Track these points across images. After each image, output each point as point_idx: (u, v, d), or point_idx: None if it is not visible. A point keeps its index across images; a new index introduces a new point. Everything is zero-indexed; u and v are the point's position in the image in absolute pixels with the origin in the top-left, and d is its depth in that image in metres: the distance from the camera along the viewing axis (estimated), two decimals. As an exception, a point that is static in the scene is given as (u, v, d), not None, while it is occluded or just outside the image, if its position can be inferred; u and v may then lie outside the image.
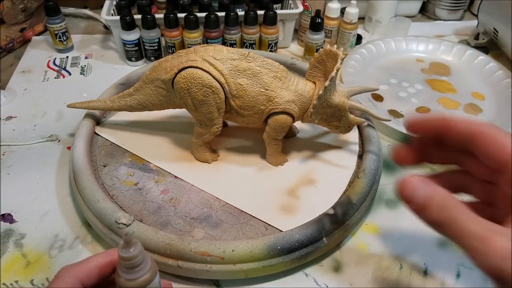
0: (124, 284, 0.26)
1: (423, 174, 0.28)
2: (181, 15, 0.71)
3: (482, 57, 0.76)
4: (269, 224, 0.46)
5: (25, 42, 0.82)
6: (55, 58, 0.77)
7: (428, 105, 0.68)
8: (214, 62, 0.46)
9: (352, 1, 0.74)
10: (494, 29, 0.79)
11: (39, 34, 0.84)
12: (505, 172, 0.25)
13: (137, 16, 0.71)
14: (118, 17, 0.70)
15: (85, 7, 0.92)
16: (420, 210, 0.27)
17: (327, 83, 0.46)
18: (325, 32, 0.76)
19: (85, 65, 0.76)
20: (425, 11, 0.98)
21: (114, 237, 0.43)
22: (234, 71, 0.46)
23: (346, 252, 0.46)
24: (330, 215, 0.44)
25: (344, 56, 0.73)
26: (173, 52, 0.74)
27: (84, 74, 0.74)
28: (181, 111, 0.54)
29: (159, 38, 0.73)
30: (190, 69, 0.46)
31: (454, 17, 0.96)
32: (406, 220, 0.49)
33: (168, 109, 0.53)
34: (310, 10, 0.78)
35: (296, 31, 0.84)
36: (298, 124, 0.58)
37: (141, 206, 0.48)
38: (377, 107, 0.66)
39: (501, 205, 0.27)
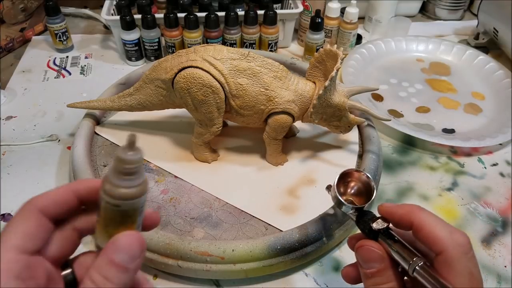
0: (117, 192, 0.23)
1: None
2: (181, 15, 0.71)
3: (482, 57, 0.76)
4: (269, 224, 0.46)
5: (25, 42, 0.82)
6: (55, 58, 0.77)
7: (428, 105, 0.68)
8: (214, 62, 0.46)
9: (352, 1, 0.74)
10: (494, 29, 0.79)
11: (39, 34, 0.84)
12: (439, 256, 0.28)
13: (137, 16, 0.71)
14: (118, 17, 0.70)
15: (85, 7, 0.92)
16: (365, 277, 0.30)
17: (327, 83, 0.46)
18: (325, 32, 0.76)
19: (85, 65, 0.76)
20: (425, 11, 0.98)
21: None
22: (234, 71, 0.46)
23: (346, 252, 0.46)
24: (330, 215, 0.44)
25: (344, 56, 0.73)
26: (173, 52, 0.74)
27: (84, 74, 0.73)
28: (181, 111, 0.54)
29: (159, 38, 0.73)
30: (190, 69, 0.46)
31: (454, 17, 0.96)
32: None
33: (168, 109, 0.53)
34: (310, 10, 0.78)
35: (296, 31, 0.84)
36: (298, 124, 0.58)
37: (141, 206, 0.47)
38: (377, 107, 0.66)
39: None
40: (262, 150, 0.54)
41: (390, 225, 0.31)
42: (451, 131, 0.63)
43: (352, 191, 0.36)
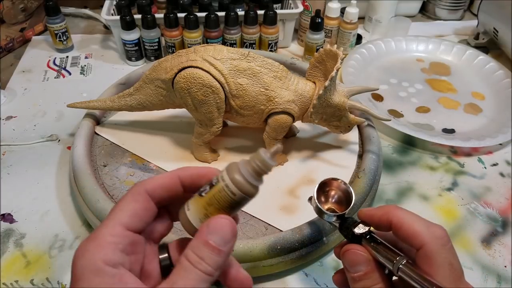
0: (244, 185, 0.25)
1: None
2: (181, 15, 0.71)
3: (482, 57, 0.76)
4: (269, 224, 0.46)
5: (25, 42, 0.82)
6: (55, 58, 0.77)
7: (428, 105, 0.68)
8: (214, 62, 0.46)
9: (352, 1, 0.74)
10: (494, 29, 0.79)
11: (39, 34, 0.84)
12: (419, 250, 0.29)
13: (137, 16, 0.71)
14: (118, 17, 0.70)
15: (85, 7, 0.92)
16: (353, 281, 0.31)
17: (327, 83, 0.46)
18: (325, 32, 0.76)
19: (85, 65, 0.76)
20: (425, 11, 0.98)
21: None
22: (234, 71, 0.46)
23: (346, 252, 0.46)
24: (330, 215, 0.44)
25: (344, 56, 0.73)
26: (173, 52, 0.74)
27: (84, 74, 0.74)
28: (181, 111, 0.54)
29: (159, 38, 0.73)
30: (190, 69, 0.46)
31: (454, 17, 0.96)
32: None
33: (168, 109, 0.53)
34: (310, 10, 0.78)
35: (296, 31, 0.84)
36: (298, 124, 0.58)
37: (141, 206, 0.47)
38: (377, 107, 0.66)
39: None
40: (262, 150, 0.54)
41: (372, 228, 0.32)
42: (451, 131, 0.63)
43: (333, 200, 0.37)
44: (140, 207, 0.26)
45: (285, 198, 0.49)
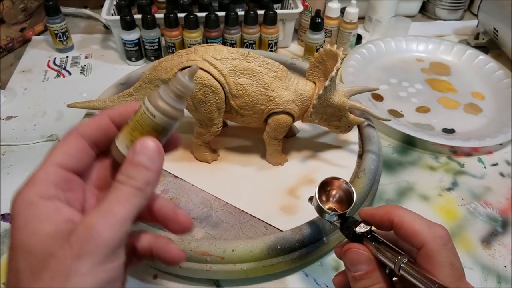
0: (161, 105, 0.26)
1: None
2: (181, 15, 0.71)
3: (482, 57, 0.76)
4: (269, 224, 0.46)
5: (25, 42, 0.82)
6: (55, 58, 0.77)
7: (428, 105, 0.68)
8: (214, 62, 0.46)
9: (352, 1, 0.74)
10: (494, 29, 0.79)
11: (39, 34, 0.84)
12: (421, 250, 0.29)
13: (137, 16, 0.71)
14: (118, 17, 0.70)
15: (85, 7, 0.92)
16: (354, 280, 0.31)
17: (327, 83, 0.46)
18: (325, 32, 0.76)
19: (85, 65, 0.76)
20: (425, 11, 0.98)
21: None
22: (234, 71, 0.46)
23: (346, 252, 0.46)
24: (330, 215, 0.44)
25: (344, 56, 0.73)
26: (173, 52, 0.74)
27: (84, 74, 0.74)
28: (181, 111, 0.54)
29: (159, 38, 0.73)
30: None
31: (454, 17, 0.96)
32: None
33: (168, 109, 0.53)
34: (310, 10, 0.78)
35: (296, 31, 0.84)
36: (298, 124, 0.58)
37: (141, 206, 0.48)
38: (377, 107, 0.66)
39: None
40: (262, 150, 0.54)
41: (373, 227, 0.32)
42: (451, 131, 0.63)
43: (334, 199, 0.37)
44: (72, 146, 0.27)
45: (285, 198, 0.49)
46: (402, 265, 0.28)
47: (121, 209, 0.23)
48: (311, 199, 0.37)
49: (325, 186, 0.36)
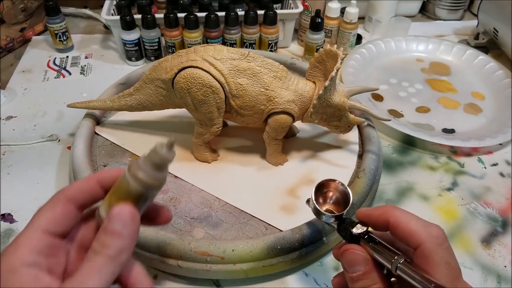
0: (139, 174, 0.26)
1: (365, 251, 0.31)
2: (181, 15, 0.71)
3: (482, 57, 0.76)
4: (269, 224, 0.46)
5: (25, 42, 0.82)
6: (55, 58, 0.77)
7: (428, 105, 0.68)
8: (214, 62, 0.46)
9: (352, 1, 0.74)
10: (494, 29, 0.79)
11: (39, 34, 0.84)
12: (417, 249, 0.29)
13: (137, 16, 0.71)
14: (118, 17, 0.70)
15: (85, 7, 0.92)
16: (352, 281, 0.31)
17: (327, 83, 0.46)
18: (325, 32, 0.76)
19: (85, 65, 0.76)
20: (425, 11, 0.98)
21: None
22: (234, 71, 0.46)
23: (346, 252, 0.46)
24: (330, 215, 0.44)
25: (344, 56, 0.73)
26: (173, 52, 0.74)
27: (84, 74, 0.74)
28: (181, 111, 0.54)
29: (159, 38, 0.73)
30: (190, 69, 0.46)
31: (454, 17, 0.96)
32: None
33: (168, 109, 0.53)
34: (310, 10, 0.78)
35: (296, 31, 0.84)
36: (298, 124, 0.58)
37: (141, 206, 0.48)
38: (377, 107, 0.66)
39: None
40: (262, 150, 0.54)
41: (370, 228, 0.32)
42: (451, 131, 0.63)
43: (331, 201, 0.37)
44: (58, 212, 0.27)
45: (285, 198, 0.49)
46: (398, 265, 0.28)
47: (94, 281, 0.24)
48: (308, 201, 0.37)
49: (321, 188, 0.37)
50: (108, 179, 0.29)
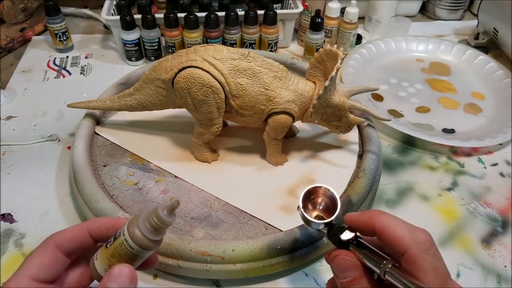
0: (139, 239, 0.28)
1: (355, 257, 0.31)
2: (181, 15, 0.71)
3: (482, 57, 0.76)
4: (269, 224, 0.46)
5: (25, 42, 0.82)
6: (55, 58, 0.77)
7: (428, 105, 0.68)
8: (214, 62, 0.46)
9: (352, 1, 0.74)
10: (494, 29, 0.79)
11: (39, 34, 0.84)
12: (404, 255, 0.29)
13: (137, 16, 0.71)
14: (118, 17, 0.70)
15: (85, 7, 0.92)
16: (342, 286, 0.31)
17: (327, 83, 0.46)
18: (325, 32, 0.76)
19: (85, 65, 0.76)
20: (425, 11, 0.98)
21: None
22: (234, 70, 0.46)
23: (346, 252, 0.46)
24: (330, 215, 0.44)
25: (344, 56, 0.73)
26: (173, 52, 0.74)
27: (84, 74, 0.74)
28: (181, 111, 0.54)
29: (159, 38, 0.73)
30: (190, 68, 0.46)
31: (454, 17, 0.96)
32: (406, 220, 0.49)
33: (168, 109, 0.53)
34: (310, 10, 0.78)
35: (296, 31, 0.84)
36: (298, 124, 0.58)
37: (141, 206, 0.48)
38: (377, 107, 0.66)
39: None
40: (262, 150, 0.54)
41: (358, 233, 0.32)
42: (451, 131, 0.63)
43: (321, 206, 0.36)
44: (47, 259, 0.29)
45: (285, 198, 0.49)
46: (387, 269, 0.28)
47: None
48: (299, 207, 0.37)
49: (310, 195, 0.36)
50: (98, 230, 0.30)
